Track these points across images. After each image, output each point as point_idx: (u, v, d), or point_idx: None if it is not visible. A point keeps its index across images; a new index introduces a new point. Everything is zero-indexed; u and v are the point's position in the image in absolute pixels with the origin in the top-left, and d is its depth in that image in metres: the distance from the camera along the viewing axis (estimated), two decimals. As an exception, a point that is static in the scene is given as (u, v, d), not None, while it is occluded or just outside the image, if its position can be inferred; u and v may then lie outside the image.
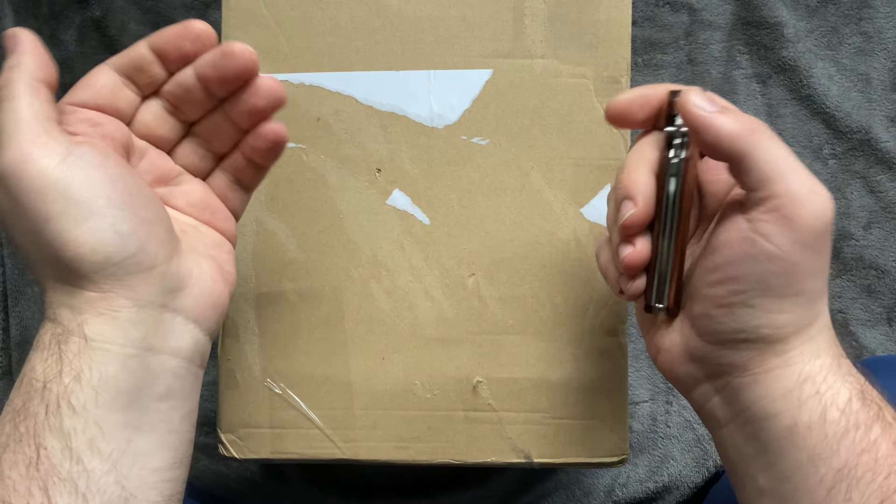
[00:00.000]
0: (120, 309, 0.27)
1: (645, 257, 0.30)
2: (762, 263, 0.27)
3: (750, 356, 0.28)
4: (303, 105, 0.42)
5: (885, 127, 0.63)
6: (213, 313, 0.31)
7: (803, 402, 0.27)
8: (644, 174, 0.30)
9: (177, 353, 0.29)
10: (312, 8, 0.42)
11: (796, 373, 0.28)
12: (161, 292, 0.28)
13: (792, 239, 0.27)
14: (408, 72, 0.42)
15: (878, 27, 0.64)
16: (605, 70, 0.42)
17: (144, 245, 0.27)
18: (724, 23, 0.64)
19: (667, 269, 0.30)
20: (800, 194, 0.27)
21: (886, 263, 0.63)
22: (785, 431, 0.27)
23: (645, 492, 0.62)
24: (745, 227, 0.28)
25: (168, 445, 0.28)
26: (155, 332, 0.28)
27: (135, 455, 0.27)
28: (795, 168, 0.27)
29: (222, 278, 0.32)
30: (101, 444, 0.26)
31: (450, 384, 0.42)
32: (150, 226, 0.28)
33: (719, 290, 0.28)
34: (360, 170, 0.42)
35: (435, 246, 0.42)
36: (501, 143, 0.42)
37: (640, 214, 0.30)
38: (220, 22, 0.43)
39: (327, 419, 0.42)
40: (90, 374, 0.26)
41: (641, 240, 0.31)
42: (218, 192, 0.34)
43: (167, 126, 0.32)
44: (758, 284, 0.27)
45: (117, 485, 0.26)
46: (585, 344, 0.41)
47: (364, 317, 0.42)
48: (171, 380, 0.28)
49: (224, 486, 0.62)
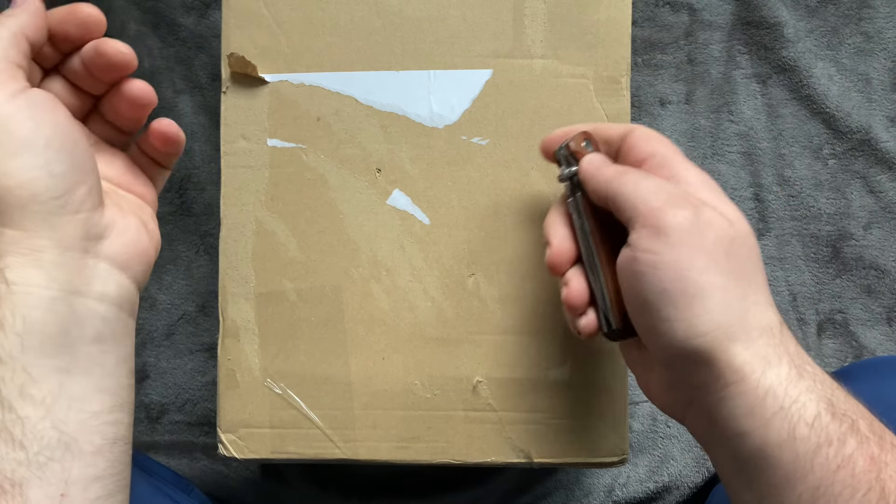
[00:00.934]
0: (43, 249, 0.27)
1: (582, 293, 0.34)
2: (651, 275, 0.29)
3: (701, 373, 0.29)
4: (303, 105, 0.42)
5: (885, 127, 0.63)
6: (139, 263, 0.31)
7: (768, 419, 0.27)
8: (555, 218, 0.35)
9: (103, 298, 0.29)
10: (312, 8, 0.42)
11: (752, 387, 0.27)
12: (84, 237, 0.28)
13: (664, 242, 0.29)
14: (408, 72, 0.42)
15: (878, 27, 0.64)
16: (605, 70, 0.42)
17: (73, 189, 0.28)
18: (724, 23, 0.64)
19: (603, 294, 0.33)
20: (657, 205, 0.29)
21: (886, 263, 0.63)
22: (757, 451, 0.27)
23: (645, 492, 0.62)
24: (627, 253, 0.30)
25: (105, 389, 0.28)
26: (79, 276, 0.28)
27: (69, 399, 0.27)
28: (656, 191, 0.30)
29: (146, 232, 0.32)
30: (31, 391, 0.26)
31: (450, 384, 0.42)
32: (82, 173, 0.28)
33: (637, 317, 0.30)
34: (360, 170, 0.42)
35: (435, 246, 0.42)
36: (501, 143, 0.42)
37: (556, 252, 0.34)
38: (220, 22, 0.43)
39: (327, 419, 0.42)
40: (13, 321, 0.26)
41: (575, 278, 0.34)
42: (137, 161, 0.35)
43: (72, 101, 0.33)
44: (658, 296, 0.29)
45: (55, 429, 0.26)
46: (585, 344, 0.41)
47: (364, 317, 0.42)
48: (99, 324, 0.28)
49: (224, 486, 0.62)
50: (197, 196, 0.63)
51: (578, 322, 0.34)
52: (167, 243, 0.63)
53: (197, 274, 0.63)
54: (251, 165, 0.42)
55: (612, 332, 0.33)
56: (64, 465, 0.26)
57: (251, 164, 0.42)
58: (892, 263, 0.63)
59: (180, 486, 0.50)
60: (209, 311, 0.63)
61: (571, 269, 0.34)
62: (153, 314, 0.63)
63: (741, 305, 0.28)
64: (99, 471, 0.27)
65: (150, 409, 0.63)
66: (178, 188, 0.63)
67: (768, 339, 0.28)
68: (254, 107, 0.42)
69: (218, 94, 0.63)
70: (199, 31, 0.63)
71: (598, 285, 0.33)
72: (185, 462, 0.62)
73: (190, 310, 0.63)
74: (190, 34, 0.63)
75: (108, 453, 0.28)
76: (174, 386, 0.63)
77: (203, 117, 0.63)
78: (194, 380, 0.63)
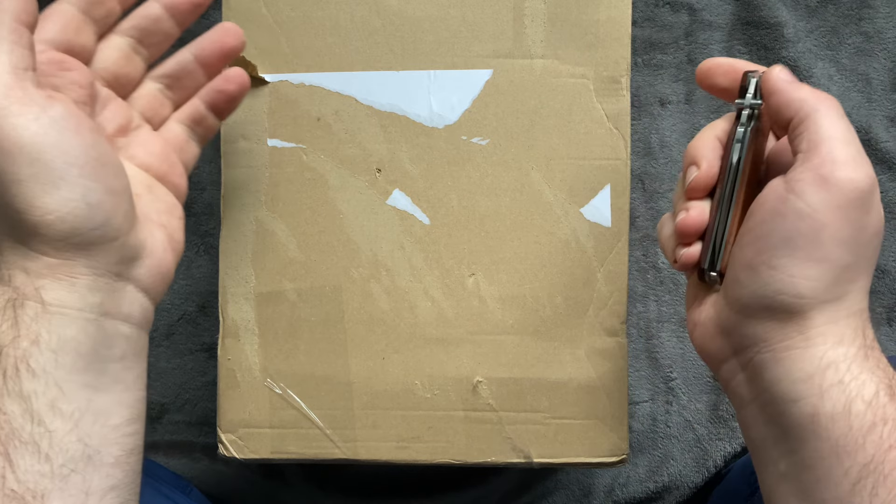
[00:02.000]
0: (79, 276, 0.27)
1: (699, 222, 0.32)
2: (790, 221, 0.27)
3: (771, 328, 0.28)
4: (303, 105, 0.42)
5: (885, 127, 0.63)
6: (162, 283, 0.31)
7: (825, 390, 0.27)
8: (710, 142, 0.32)
9: (128, 320, 0.29)
10: (312, 8, 0.42)
11: (818, 356, 0.27)
12: (118, 262, 0.28)
13: (823, 199, 0.27)
14: (408, 72, 0.42)
15: (878, 27, 0.64)
16: (605, 70, 0.42)
17: (110, 217, 0.28)
18: (724, 23, 0.64)
19: (722, 236, 0.31)
20: (840, 158, 0.27)
21: (886, 263, 0.63)
22: (806, 419, 0.27)
23: (645, 492, 0.62)
24: (781, 187, 0.28)
25: (125, 403, 0.29)
26: (110, 299, 0.28)
27: (95, 413, 0.27)
28: (847, 140, 0.28)
29: (171, 248, 0.32)
30: (62, 405, 0.26)
31: (450, 384, 0.42)
32: (117, 197, 0.28)
33: (748, 250, 0.29)
34: (360, 170, 0.42)
35: (435, 246, 0.42)
36: (501, 143, 0.42)
37: (703, 176, 0.31)
38: (220, 22, 0.43)
39: (327, 419, 0.42)
40: (49, 338, 0.26)
41: (698, 207, 0.32)
42: (174, 143, 0.34)
43: (131, 64, 0.32)
44: (783, 243, 0.27)
45: (80, 442, 0.27)
46: (585, 344, 0.41)
47: (364, 317, 0.42)
48: (124, 343, 0.29)
49: (224, 486, 0.62)
50: (197, 196, 0.63)
51: (681, 251, 0.32)
52: (167, 243, 0.63)
53: (197, 274, 0.63)
54: (251, 165, 0.42)
55: (710, 273, 0.32)
56: (85, 477, 0.27)
57: (251, 164, 0.42)
58: (892, 263, 0.63)
59: (179, 486, 0.50)
60: (209, 311, 0.63)
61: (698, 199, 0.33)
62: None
63: (846, 288, 0.28)
64: (116, 481, 0.28)
65: (150, 409, 0.63)
66: (178, 188, 0.63)
67: (852, 321, 0.28)
68: (254, 107, 0.42)
69: (218, 94, 0.63)
70: (199, 31, 0.63)
71: (721, 222, 0.31)
72: (185, 462, 0.62)
73: (190, 310, 0.63)
74: (190, 34, 0.63)
75: (125, 464, 0.28)
76: (174, 386, 0.63)
77: (203, 117, 0.63)
78: (194, 380, 0.63)
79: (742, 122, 0.32)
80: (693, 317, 0.33)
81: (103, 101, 0.31)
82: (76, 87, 0.29)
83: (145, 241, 0.30)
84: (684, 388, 0.62)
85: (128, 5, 0.31)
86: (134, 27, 0.31)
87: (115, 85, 0.32)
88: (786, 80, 0.30)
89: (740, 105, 0.32)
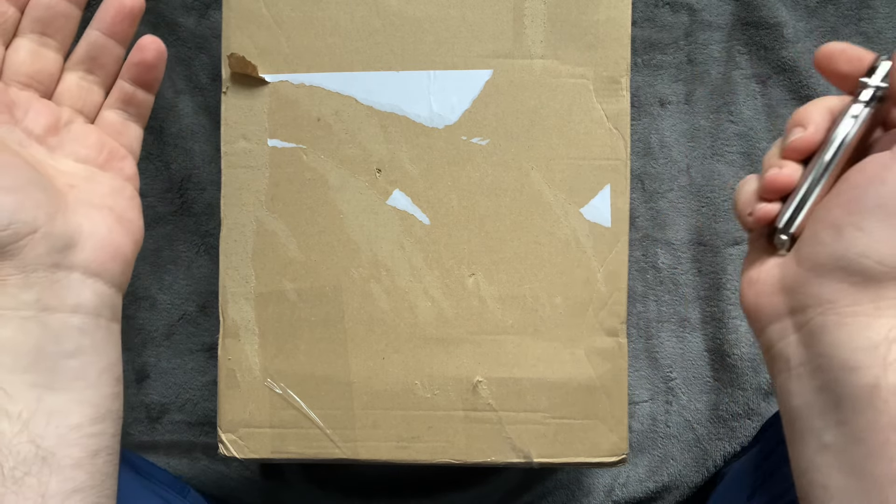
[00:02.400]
0: (6, 278, 0.27)
1: (790, 181, 0.31)
2: (889, 187, 0.27)
3: (842, 290, 0.27)
4: (303, 105, 0.42)
5: (884, 127, 0.63)
6: (115, 264, 0.30)
7: (890, 363, 0.26)
8: (821, 111, 0.31)
9: (78, 310, 0.28)
10: (312, 8, 0.42)
11: (886, 327, 0.26)
12: (49, 252, 0.28)
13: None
14: (408, 72, 0.42)
15: (878, 27, 0.64)
16: (605, 70, 0.42)
17: (16, 213, 0.27)
18: (723, 23, 0.64)
19: (806, 200, 0.31)
20: None
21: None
22: (865, 389, 0.26)
23: (645, 492, 0.62)
24: (886, 156, 0.28)
25: (87, 401, 0.28)
26: (50, 292, 0.28)
27: (48, 414, 0.27)
28: None
29: (122, 227, 0.31)
30: (7, 406, 0.26)
31: (450, 384, 0.42)
32: (19, 192, 0.27)
33: (835, 210, 0.28)
34: (360, 170, 0.42)
35: (435, 246, 0.42)
36: (501, 143, 0.42)
37: (809, 137, 0.31)
38: (220, 22, 0.43)
39: (327, 419, 0.42)
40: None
41: (792, 166, 0.31)
42: (110, 130, 0.33)
43: (42, 60, 0.31)
44: (877, 208, 0.27)
45: (31, 444, 0.26)
46: (585, 344, 0.41)
47: (364, 317, 0.42)
48: (77, 336, 0.28)
49: (224, 486, 0.62)
50: (197, 196, 0.63)
51: (760, 205, 0.32)
52: (167, 243, 0.63)
53: (197, 274, 0.63)
54: (251, 165, 0.42)
55: (781, 235, 0.31)
56: (41, 480, 0.26)
57: (251, 165, 0.42)
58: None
59: (176, 488, 0.50)
60: (209, 311, 0.63)
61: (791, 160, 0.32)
62: (153, 314, 0.63)
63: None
64: (78, 483, 0.27)
65: (150, 409, 0.63)
66: (179, 188, 0.63)
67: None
68: (254, 107, 0.42)
69: (218, 94, 0.63)
70: (199, 32, 0.63)
71: (810, 188, 0.31)
72: (186, 462, 0.62)
73: (190, 310, 0.63)
74: (190, 34, 0.64)
75: (88, 465, 0.27)
76: (174, 386, 0.63)
77: (203, 117, 0.63)
78: (194, 380, 0.63)
79: (862, 99, 0.32)
80: (750, 274, 0.32)
81: (24, 105, 0.31)
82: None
83: (81, 225, 0.29)
84: (684, 388, 0.62)
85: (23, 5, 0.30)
86: (32, 21, 0.31)
87: (35, 85, 0.31)
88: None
89: (864, 84, 0.32)
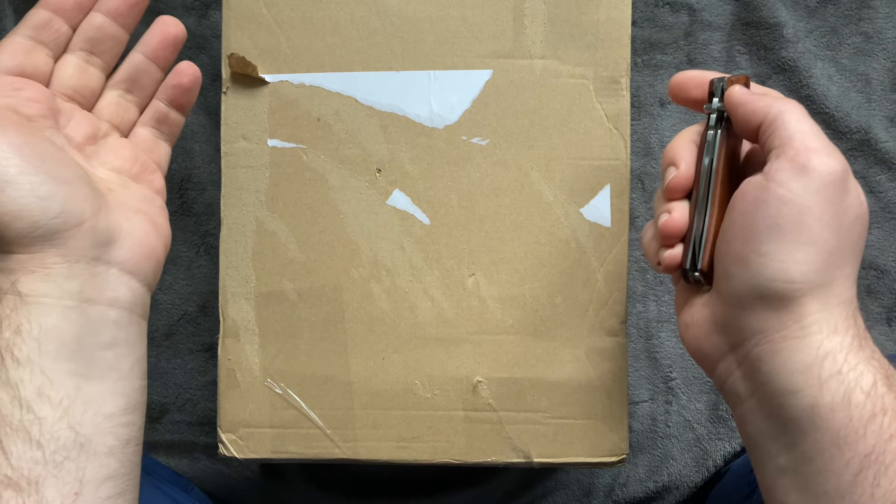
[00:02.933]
0: (52, 266, 0.28)
1: (681, 223, 0.33)
2: (773, 207, 0.28)
3: (767, 318, 0.28)
4: (303, 105, 0.42)
5: (884, 127, 0.63)
6: (149, 264, 0.31)
7: (824, 381, 0.27)
8: (686, 145, 0.34)
9: (115, 304, 0.29)
10: (312, 8, 0.42)
11: (815, 346, 0.27)
12: (92, 246, 0.29)
13: (803, 184, 0.28)
14: (408, 72, 0.42)
15: (878, 27, 0.64)
16: (605, 70, 0.42)
17: (67, 204, 0.28)
18: (723, 23, 0.64)
19: (701, 235, 0.32)
20: (814, 147, 0.28)
21: (886, 263, 0.63)
22: (806, 411, 0.27)
23: (645, 491, 0.62)
24: (760, 180, 0.29)
25: (120, 392, 0.29)
26: (91, 284, 0.29)
27: (86, 402, 0.28)
28: (816, 133, 0.29)
29: (155, 231, 0.32)
30: (49, 393, 0.27)
31: (450, 384, 0.42)
32: (69, 185, 0.29)
33: (735, 243, 0.30)
34: (360, 170, 0.42)
35: (435, 246, 0.42)
36: (501, 144, 0.42)
37: (682, 175, 0.33)
38: (220, 22, 0.43)
39: (327, 419, 0.42)
40: (30, 327, 0.27)
41: (679, 208, 0.33)
42: (143, 146, 0.36)
43: (87, 76, 0.34)
44: (769, 230, 0.28)
45: (71, 430, 0.27)
46: (585, 344, 0.41)
47: (364, 317, 0.42)
48: (113, 329, 0.29)
49: (224, 486, 0.62)
50: (197, 196, 0.63)
51: (664, 253, 0.33)
52: (167, 243, 0.63)
53: (197, 274, 0.63)
54: (251, 165, 0.43)
55: (693, 273, 0.33)
56: (79, 465, 0.27)
57: (251, 164, 0.43)
58: (891, 263, 0.64)
59: (180, 485, 0.50)
60: (209, 311, 0.63)
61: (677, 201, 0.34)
62: (153, 314, 0.63)
63: (836, 273, 0.28)
64: (111, 471, 0.28)
65: (150, 409, 0.63)
66: (179, 188, 0.63)
67: (843, 310, 0.28)
68: (254, 107, 0.42)
69: (218, 94, 0.63)
70: (199, 32, 0.63)
71: (700, 223, 0.33)
72: (186, 462, 0.62)
73: (190, 310, 0.63)
74: (190, 34, 0.63)
75: (120, 454, 0.28)
76: (174, 386, 0.63)
77: (203, 117, 0.63)
78: (194, 380, 0.63)
79: (711, 125, 0.34)
80: (684, 319, 0.33)
81: (67, 114, 0.33)
82: (31, 102, 0.31)
83: (120, 224, 0.31)
84: (684, 388, 0.62)
85: (77, 24, 0.33)
86: (83, 40, 0.33)
87: (78, 98, 0.34)
88: (746, 92, 0.32)
89: (709, 109, 0.34)
